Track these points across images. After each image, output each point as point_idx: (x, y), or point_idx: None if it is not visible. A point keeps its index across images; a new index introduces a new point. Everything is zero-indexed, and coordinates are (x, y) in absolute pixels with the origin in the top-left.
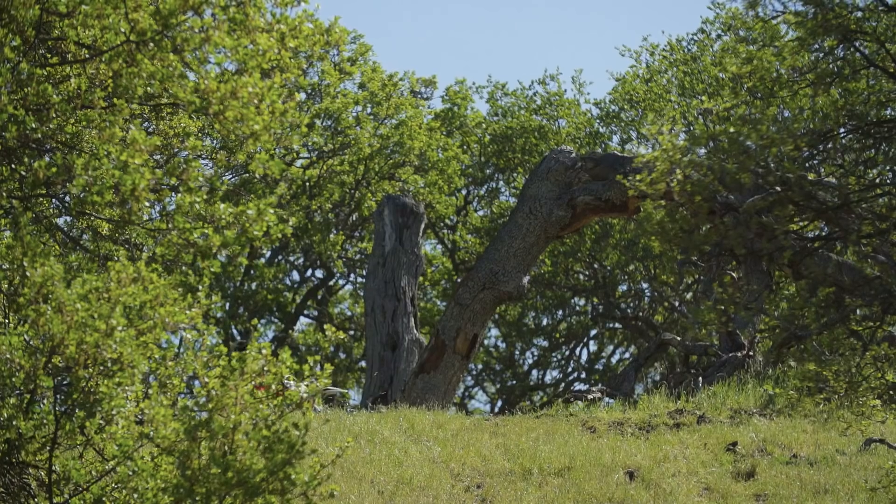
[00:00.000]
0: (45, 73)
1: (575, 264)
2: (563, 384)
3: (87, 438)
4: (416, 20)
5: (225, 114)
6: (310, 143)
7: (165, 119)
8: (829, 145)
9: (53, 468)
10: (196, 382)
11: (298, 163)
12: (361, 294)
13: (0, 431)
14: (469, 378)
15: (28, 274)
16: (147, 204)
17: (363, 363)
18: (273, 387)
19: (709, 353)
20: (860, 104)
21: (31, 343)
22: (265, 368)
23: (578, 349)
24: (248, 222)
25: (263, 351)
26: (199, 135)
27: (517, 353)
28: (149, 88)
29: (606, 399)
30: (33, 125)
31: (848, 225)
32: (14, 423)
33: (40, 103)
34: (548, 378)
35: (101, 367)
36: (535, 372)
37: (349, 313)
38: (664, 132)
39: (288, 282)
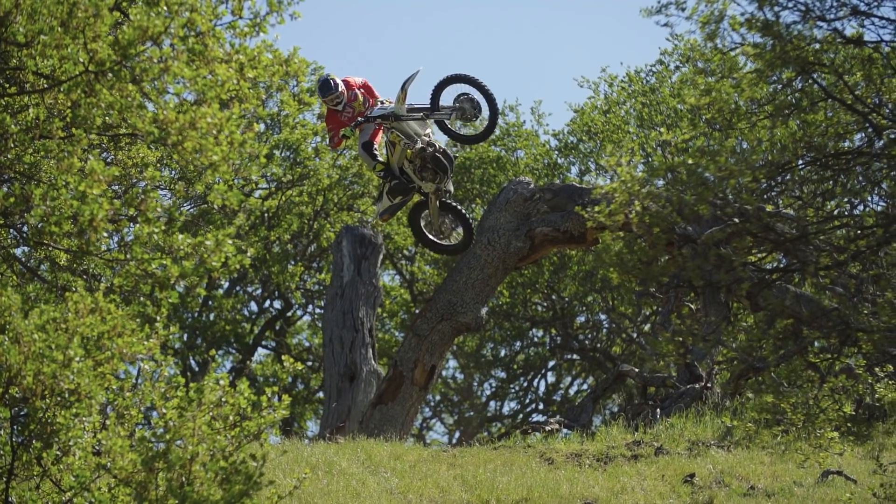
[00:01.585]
0: (3, 103)
1: (533, 295)
2: (520, 415)
3: (43, 469)
4: (375, 53)
5: (184, 144)
6: (268, 174)
7: (124, 149)
8: (788, 177)
9: (10, 499)
10: (154, 413)
11: (257, 193)
12: (319, 325)
13: None
14: (427, 409)
15: None
16: (105, 234)
17: (321, 394)
18: (231, 418)
19: (667, 385)
20: (818, 136)
21: None
22: (223, 399)
23: (536, 380)
24: (206, 253)
25: (221, 382)
26: (158, 165)
27: (475, 384)
28: (107, 118)
29: (564, 430)
30: None
31: (806, 257)
32: None
33: None
34: (506, 409)
35: (59, 398)
36: (492, 403)
37: (307, 344)
38: (622, 163)
39: (246, 312)
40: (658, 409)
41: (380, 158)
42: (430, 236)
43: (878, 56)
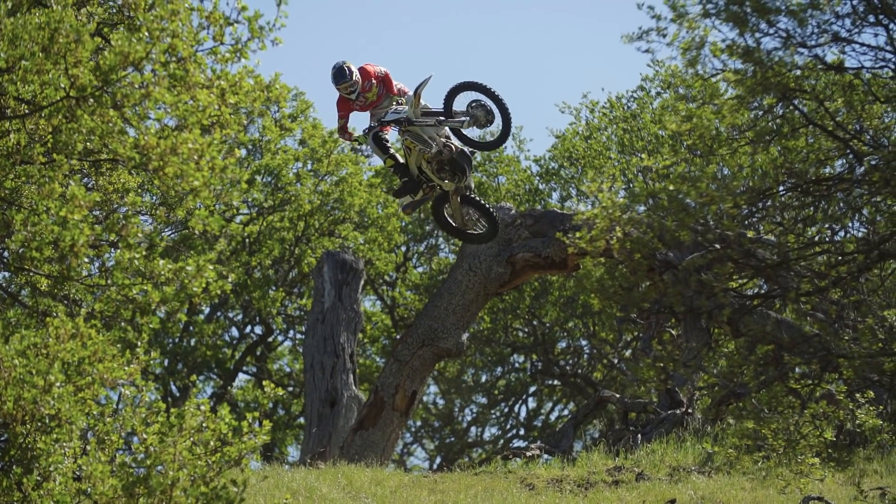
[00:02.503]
0: None
1: (514, 321)
2: (501, 441)
3: (24, 495)
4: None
5: (165, 170)
6: (250, 200)
7: (105, 175)
8: (769, 203)
9: None
10: (134, 439)
11: (238, 219)
12: (300, 350)
13: None
14: (408, 435)
15: None
16: (86, 260)
17: (302, 419)
18: (212, 443)
19: (648, 411)
20: (799, 162)
21: None
22: (204, 425)
23: (517, 406)
24: (187, 278)
25: (202, 407)
26: (139, 191)
27: (456, 409)
28: (88, 144)
29: (545, 456)
30: None
31: (787, 283)
32: None
33: None
34: (486, 435)
35: (39, 424)
36: (473, 429)
37: (288, 370)
38: (604, 189)
39: (227, 338)
40: (639, 435)
41: (391, 152)
42: (455, 225)
43: (859, 82)
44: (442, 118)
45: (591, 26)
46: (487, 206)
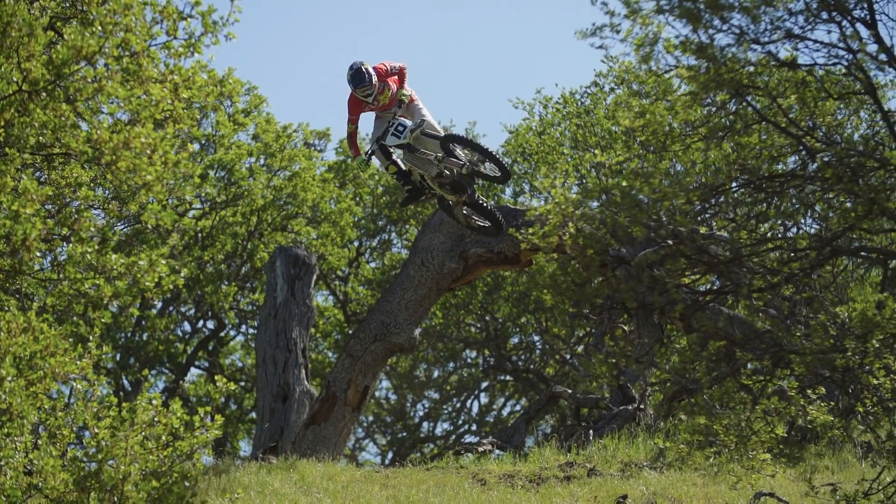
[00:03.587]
0: None
1: (466, 316)
2: (453, 436)
3: None
4: (309, 73)
5: (117, 164)
6: (202, 194)
7: (57, 169)
8: (721, 199)
9: None
10: (86, 433)
11: (191, 214)
12: (253, 345)
13: None
14: (360, 430)
15: None
16: (38, 254)
17: (254, 414)
18: (163, 437)
19: (600, 406)
20: (752, 158)
21: None
22: (155, 419)
23: (469, 401)
24: (139, 273)
25: (154, 402)
26: (92, 185)
27: (408, 404)
28: (41, 138)
29: (497, 452)
30: None
31: (739, 279)
32: None
33: None
34: (438, 430)
35: None
36: (425, 424)
37: (240, 364)
38: (557, 185)
39: (179, 332)
40: (591, 431)
41: (394, 158)
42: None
43: (812, 79)
44: (441, 155)
45: (544, 22)
46: (491, 208)
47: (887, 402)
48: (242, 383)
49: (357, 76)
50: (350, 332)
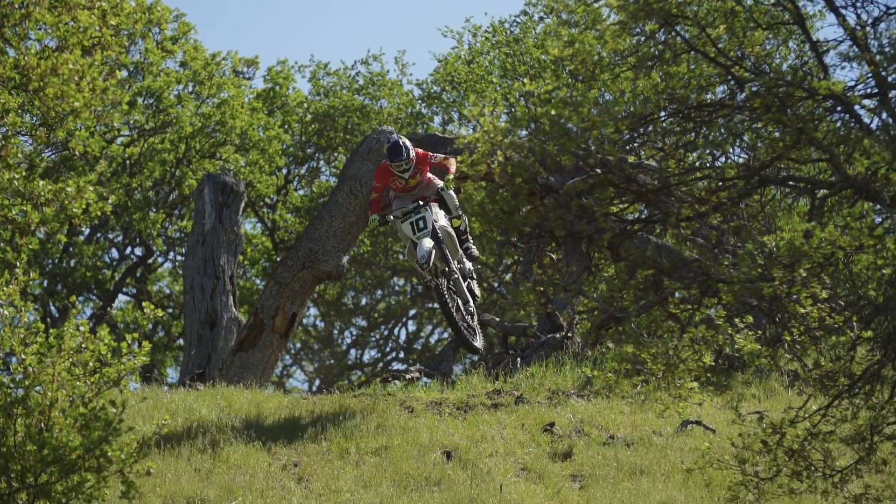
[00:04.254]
0: None
1: (394, 244)
2: (381, 364)
3: None
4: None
5: (45, 90)
6: (131, 121)
7: None
8: (650, 128)
9: None
10: (13, 359)
11: (119, 140)
12: (180, 272)
13: None
14: (287, 357)
15: None
16: None
17: (181, 341)
18: (91, 364)
19: (527, 334)
20: (681, 88)
21: None
22: (83, 346)
23: (397, 329)
24: (67, 199)
25: (81, 328)
26: (19, 111)
27: (336, 332)
28: None
29: (424, 379)
30: None
31: (667, 208)
32: None
33: None
34: (366, 357)
35: None
36: (353, 351)
37: (168, 291)
38: (485, 114)
39: (107, 259)
40: (518, 359)
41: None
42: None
43: (741, 9)
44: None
45: None
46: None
47: (814, 330)
48: (170, 310)
49: (395, 149)
50: (278, 259)
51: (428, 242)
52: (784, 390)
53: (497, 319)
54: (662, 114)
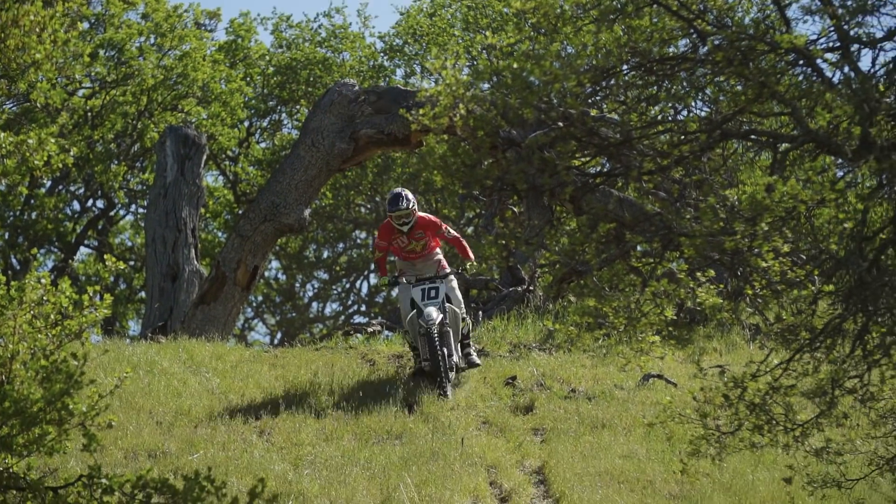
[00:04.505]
0: None
1: (356, 197)
2: (342, 317)
3: None
4: None
5: (6, 42)
6: (92, 73)
7: None
8: (612, 82)
9: None
10: None
11: (81, 92)
12: (142, 225)
13: None
14: (249, 310)
15: None
16: None
17: (143, 294)
18: (52, 316)
19: (489, 288)
20: (643, 41)
21: None
22: (44, 298)
23: (359, 282)
24: (28, 151)
25: (43, 280)
26: None
27: (297, 285)
28: None
29: (386, 332)
30: None
31: (629, 161)
32: None
33: None
34: (328, 311)
35: None
36: (315, 304)
37: (130, 244)
38: (447, 67)
39: (68, 211)
40: (480, 312)
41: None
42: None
43: None
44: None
45: None
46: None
47: (775, 284)
48: (132, 263)
49: (394, 199)
50: (240, 212)
51: (436, 312)
52: (745, 344)
53: (459, 272)
54: (625, 67)
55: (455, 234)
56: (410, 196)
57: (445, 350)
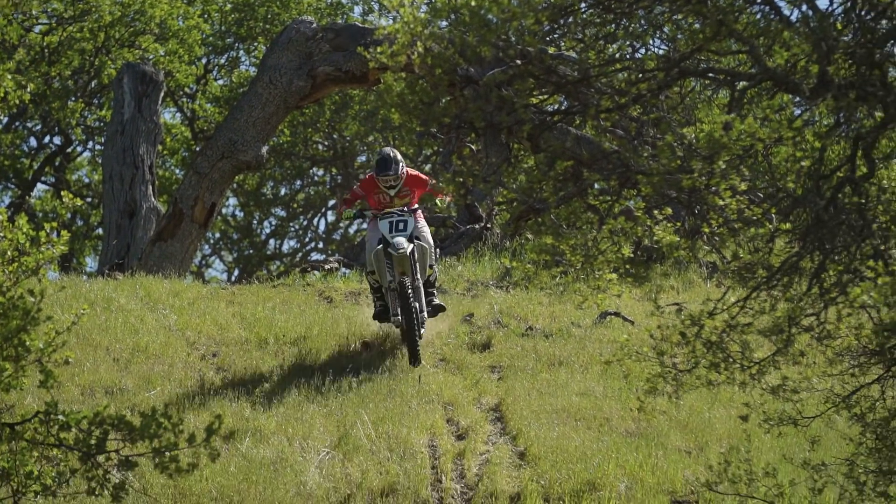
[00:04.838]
0: None
1: (314, 134)
2: (300, 254)
3: None
4: None
5: None
6: (49, 9)
7: None
8: (570, 20)
9: None
10: None
11: (37, 29)
12: (99, 161)
13: None
14: (206, 247)
15: None
16: None
17: (100, 230)
18: (9, 253)
19: (447, 225)
20: None
21: None
22: (1, 235)
23: (316, 219)
24: None
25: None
26: None
27: (255, 222)
28: None
29: (343, 270)
30: None
31: (587, 99)
32: None
33: None
34: (285, 248)
35: None
36: (272, 241)
37: (87, 180)
38: (405, 4)
39: (25, 148)
40: (438, 250)
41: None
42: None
43: None
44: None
45: None
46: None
47: (732, 223)
48: (89, 199)
49: (383, 163)
50: (197, 149)
51: (405, 241)
52: (703, 282)
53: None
54: (583, 5)
55: (435, 182)
56: (400, 158)
57: (417, 305)
